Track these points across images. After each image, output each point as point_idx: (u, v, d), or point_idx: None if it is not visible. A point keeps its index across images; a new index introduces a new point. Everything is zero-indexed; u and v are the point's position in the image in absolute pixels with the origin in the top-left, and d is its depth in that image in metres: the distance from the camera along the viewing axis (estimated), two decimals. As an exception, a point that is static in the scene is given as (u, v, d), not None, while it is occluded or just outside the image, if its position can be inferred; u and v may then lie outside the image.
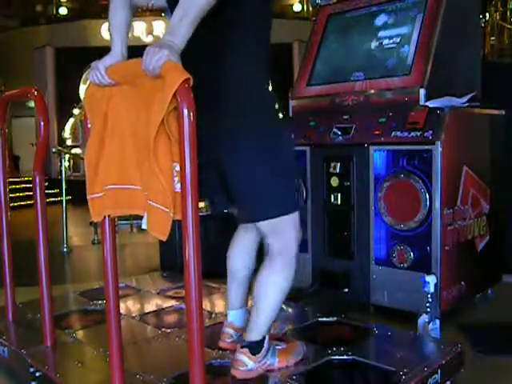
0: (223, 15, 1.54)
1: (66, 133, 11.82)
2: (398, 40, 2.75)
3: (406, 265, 2.50)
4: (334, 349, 1.90)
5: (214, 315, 2.37)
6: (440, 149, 2.34)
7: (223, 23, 1.57)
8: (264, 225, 1.70)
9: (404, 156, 2.53)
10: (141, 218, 1.48)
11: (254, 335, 1.73)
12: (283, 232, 1.70)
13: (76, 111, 11.48)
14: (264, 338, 1.74)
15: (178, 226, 1.35)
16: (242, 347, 1.73)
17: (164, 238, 1.39)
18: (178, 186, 1.34)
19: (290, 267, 1.72)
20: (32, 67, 12.49)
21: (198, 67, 1.58)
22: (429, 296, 2.26)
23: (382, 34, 2.85)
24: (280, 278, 1.71)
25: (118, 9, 1.60)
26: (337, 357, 1.86)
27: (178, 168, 1.35)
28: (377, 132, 2.55)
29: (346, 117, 2.72)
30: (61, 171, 5.27)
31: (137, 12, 1.71)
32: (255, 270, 1.86)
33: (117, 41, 1.59)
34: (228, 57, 1.61)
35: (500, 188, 2.94)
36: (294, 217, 1.71)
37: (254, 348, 1.72)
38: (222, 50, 1.61)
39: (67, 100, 11.67)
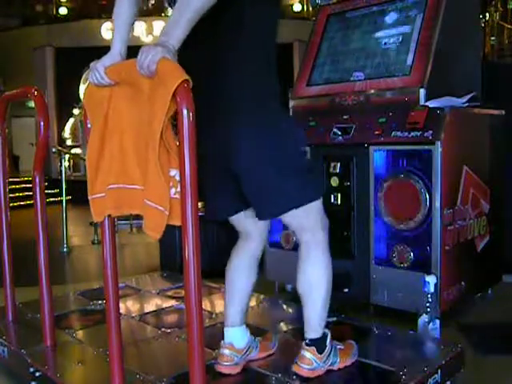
0: (226, 17, 1.54)
1: (66, 133, 11.84)
2: (398, 40, 2.74)
3: (405, 265, 2.50)
4: (334, 349, 1.90)
5: (214, 315, 2.37)
6: (440, 149, 2.34)
7: (227, 25, 1.56)
8: (287, 218, 1.69)
9: (404, 156, 2.53)
10: (142, 217, 1.48)
11: (313, 333, 1.73)
12: (307, 222, 1.70)
13: (76, 111, 11.50)
14: (325, 334, 1.75)
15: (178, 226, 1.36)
16: (307, 345, 1.72)
17: (157, 237, 1.40)
18: (173, 191, 1.36)
19: (324, 252, 1.73)
20: (32, 67, 12.50)
21: (203, 70, 1.58)
22: (429, 296, 2.26)
23: (382, 33, 2.84)
24: (319, 267, 1.72)
25: (123, 8, 1.60)
26: (337, 357, 1.86)
27: (172, 173, 1.36)
28: (377, 132, 2.55)
29: (346, 117, 2.72)
30: (61, 171, 5.26)
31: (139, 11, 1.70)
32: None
33: (117, 40, 1.59)
34: (234, 59, 1.59)
35: (500, 188, 2.94)
36: (316, 204, 1.69)
37: (320, 345, 1.72)
38: (227, 52, 1.59)
39: (67, 100, 11.68)
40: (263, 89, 1.62)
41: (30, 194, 2.24)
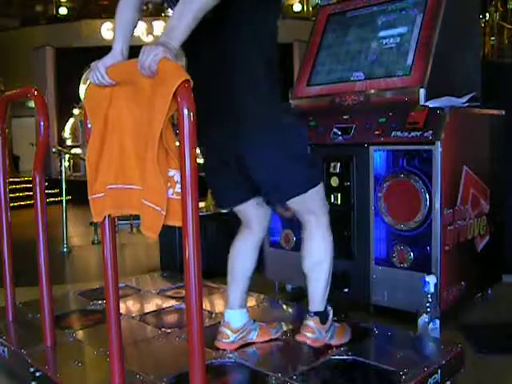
0: (233, 17, 1.57)
1: (66, 133, 11.84)
2: (398, 40, 2.74)
3: (405, 265, 2.50)
4: (334, 349, 1.91)
5: (213, 315, 2.37)
6: (440, 149, 2.34)
7: (234, 25, 1.60)
8: (295, 201, 1.83)
9: (404, 156, 2.53)
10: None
11: (316, 305, 1.91)
12: (313, 204, 1.86)
13: (76, 111, 11.50)
14: (327, 309, 1.94)
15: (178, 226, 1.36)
16: (310, 316, 1.91)
17: (154, 237, 1.42)
18: (171, 191, 1.36)
19: (326, 232, 1.90)
20: (32, 67, 12.50)
21: (207, 75, 1.62)
22: (429, 296, 2.26)
23: (382, 33, 2.84)
24: (323, 245, 1.90)
25: (127, 8, 1.61)
26: (337, 357, 1.86)
27: (170, 174, 1.37)
28: (377, 132, 2.55)
29: (346, 117, 2.72)
30: (61, 171, 5.27)
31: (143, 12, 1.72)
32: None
33: (118, 40, 1.59)
34: (242, 58, 1.64)
35: (500, 188, 2.94)
36: (319, 188, 1.86)
37: (322, 317, 1.91)
38: (235, 52, 1.64)
39: (67, 100, 11.68)
40: (268, 87, 1.70)
41: (30, 194, 2.23)
